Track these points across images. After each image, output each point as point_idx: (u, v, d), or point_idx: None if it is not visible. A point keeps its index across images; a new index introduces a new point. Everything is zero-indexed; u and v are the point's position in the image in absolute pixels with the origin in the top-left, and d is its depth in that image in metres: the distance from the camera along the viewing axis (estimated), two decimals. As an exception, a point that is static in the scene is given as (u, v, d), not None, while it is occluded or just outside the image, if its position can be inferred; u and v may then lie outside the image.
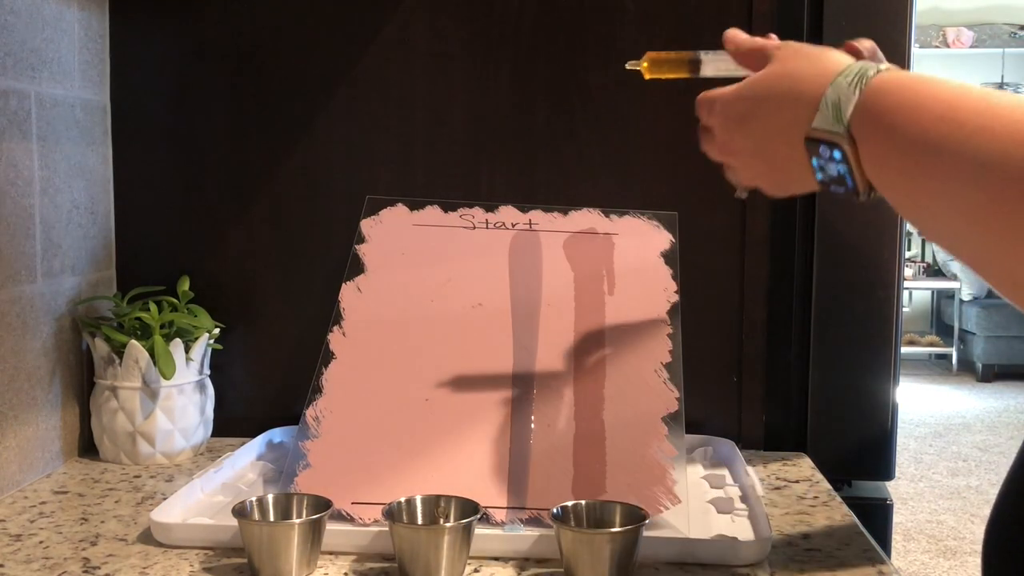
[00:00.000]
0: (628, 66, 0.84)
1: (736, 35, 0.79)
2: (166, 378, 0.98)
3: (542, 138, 1.07)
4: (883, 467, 1.09)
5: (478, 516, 0.71)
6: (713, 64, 0.86)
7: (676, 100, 0.93)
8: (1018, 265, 0.49)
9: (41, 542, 0.78)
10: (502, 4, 1.06)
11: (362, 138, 1.08)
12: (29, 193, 0.93)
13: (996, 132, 0.49)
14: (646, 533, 0.72)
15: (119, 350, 0.99)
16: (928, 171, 0.53)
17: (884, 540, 1.09)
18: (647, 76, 0.85)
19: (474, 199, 1.05)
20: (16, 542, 0.78)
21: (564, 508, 0.72)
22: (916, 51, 1.06)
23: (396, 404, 0.89)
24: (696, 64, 0.86)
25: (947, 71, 3.89)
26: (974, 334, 6.20)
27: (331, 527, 0.74)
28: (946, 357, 6.65)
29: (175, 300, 1.04)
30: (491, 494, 0.81)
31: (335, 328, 0.95)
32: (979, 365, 6.21)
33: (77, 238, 1.02)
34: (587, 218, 1.04)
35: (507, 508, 0.80)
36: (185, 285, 1.05)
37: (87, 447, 1.04)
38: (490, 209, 1.04)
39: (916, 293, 6.82)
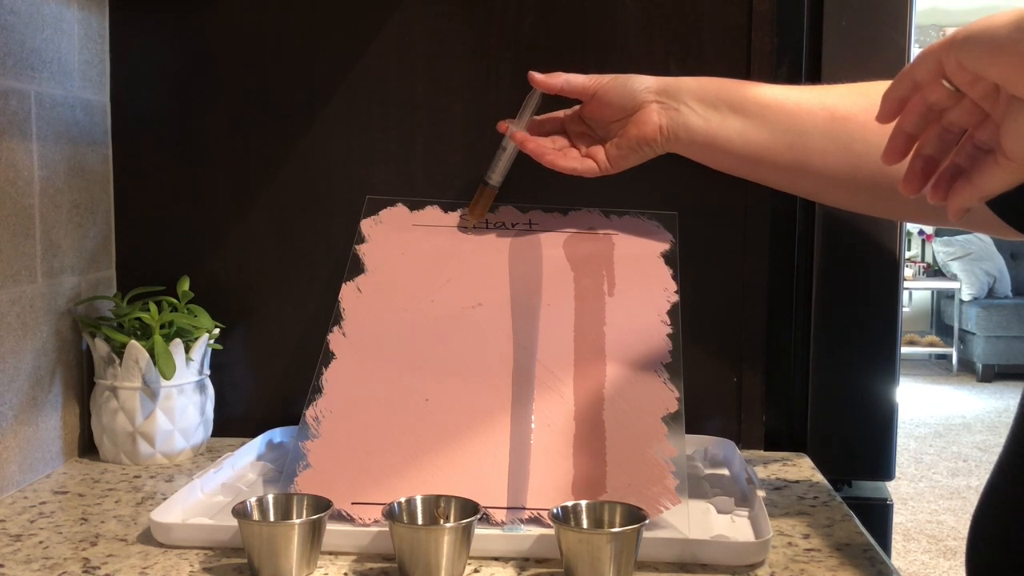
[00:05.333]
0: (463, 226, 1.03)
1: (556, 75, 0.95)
2: (166, 378, 0.98)
3: (542, 138, 1.06)
4: (883, 467, 1.09)
5: (478, 516, 0.71)
6: (496, 172, 1.01)
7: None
8: None
9: (41, 542, 0.78)
10: (502, 4, 1.06)
11: (362, 138, 1.08)
12: (29, 193, 0.93)
13: None
14: (646, 533, 0.72)
15: (119, 350, 0.99)
16: None
17: (884, 540, 1.09)
18: (479, 219, 1.02)
19: (474, 199, 1.05)
20: (16, 542, 0.78)
21: (564, 508, 0.72)
22: (916, 51, 1.06)
23: (396, 404, 0.89)
24: (486, 184, 1.01)
25: (947, 71, 3.87)
26: (974, 334, 6.20)
27: (331, 527, 0.74)
28: (946, 357, 6.66)
29: (175, 300, 1.04)
30: (491, 494, 0.81)
31: (335, 328, 0.95)
32: (979, 365, 6.22)
33: (77, 238, 1.02)
34: (587, 218, 1.04)
35: (507, 508, 0.80)
36: (185, 285, 1.05)
37: (87, 447, 1.04)
38: (490, 209, 1.04)
39: (916, 293, 6.82)
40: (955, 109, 0.60)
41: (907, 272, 6.04)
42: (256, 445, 0.99)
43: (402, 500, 0.74)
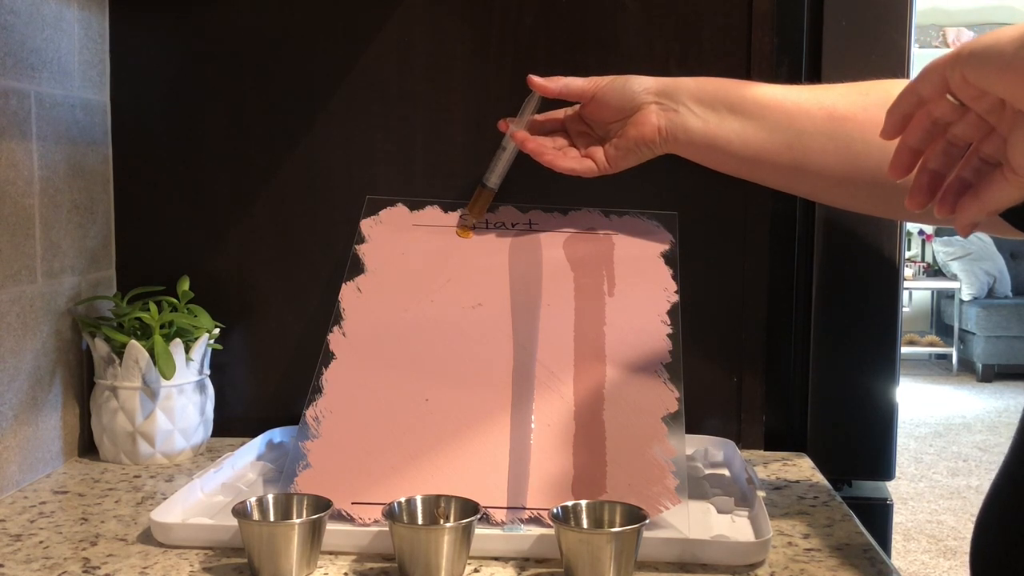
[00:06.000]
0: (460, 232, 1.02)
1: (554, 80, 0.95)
2: (166, 378, 0.98)
3: (542, 138, 1.06)
4: (883, 467, 1.09)
5: (478, 516, 0.71)
6: (495, 174, 1.01)
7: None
8: None
9: (41, 542, 0.78)
10: (502, 4, 1.06)
11: (362, 138, 1.08)
12: (29, 193, 0.93)
13: None
14: (646, 533, 0.72)
15: (119, 350, 0.99)
16: None
17: (884, 540, 1.09)
18: (477, 219, 1.02)
19: (474, 199, 1.05)
20: (16, 542, 0.78)
21: (564, 508, 0.72)
22: (916, 51, 1.06)
23: (396, 404, 0.89)
24: (484, 186, 1.01)
25: (947, 71, 3.86)
26: (974, 334, 6.20)
27: (331, 527, 0.74)
28: (946, 357, 6.66)
29: (175, 300, 1.04)
30: (491, 494, 0.81)
31: (335, 328, 0.95)
32: (979, 365, 6.21)
33: (77, 238, 1.02)
34: (587, 218, 1.04)
35: (507, 508, 0.80)
36: (185, 285, 1.05)
37: (87, 447, 1.04)
38: (490, 209, 1.04)
39: (916, 293, 6.82)
40: (960, 123, 0.60)
41: (907, 272, 6.04)
42: (256, 445, 0.99)
43: (402, 500, 0.74)
